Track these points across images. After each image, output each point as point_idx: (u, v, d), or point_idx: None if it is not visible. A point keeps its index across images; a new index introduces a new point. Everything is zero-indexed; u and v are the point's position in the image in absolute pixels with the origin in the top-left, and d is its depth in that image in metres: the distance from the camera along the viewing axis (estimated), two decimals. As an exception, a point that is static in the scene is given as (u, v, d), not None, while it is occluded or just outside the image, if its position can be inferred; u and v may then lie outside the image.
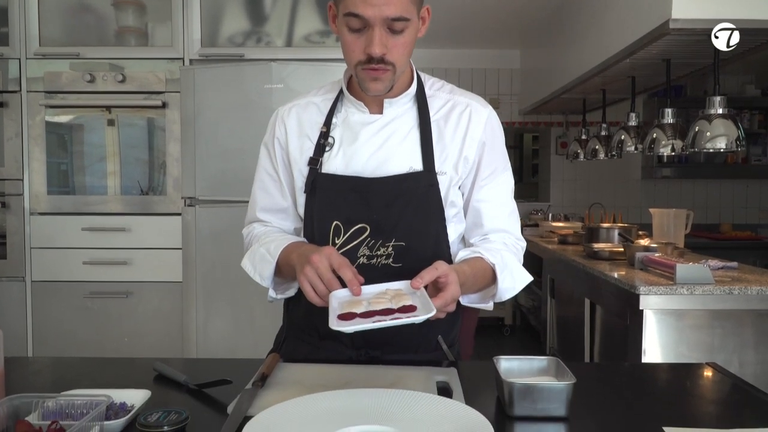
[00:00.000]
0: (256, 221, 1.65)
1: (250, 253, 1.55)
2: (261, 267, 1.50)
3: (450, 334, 1.61)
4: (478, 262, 1.46)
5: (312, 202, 1.52)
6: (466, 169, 1.53)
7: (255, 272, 1.52)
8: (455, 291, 1.26)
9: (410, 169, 1.48)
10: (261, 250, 1.51)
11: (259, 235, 1.60)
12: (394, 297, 1.25)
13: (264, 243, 1.53)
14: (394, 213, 1.46)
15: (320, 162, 1.51)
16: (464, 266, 1.40)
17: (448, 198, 1.51)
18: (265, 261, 1.49)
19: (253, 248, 1.56)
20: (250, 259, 1.54)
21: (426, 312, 1.14)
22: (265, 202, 1.62)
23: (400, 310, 1.19)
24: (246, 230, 1.66)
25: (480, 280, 1.46)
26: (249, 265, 1.53)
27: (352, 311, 1.21)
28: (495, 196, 1.56)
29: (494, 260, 1.47)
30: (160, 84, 3.67)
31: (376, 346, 1.52)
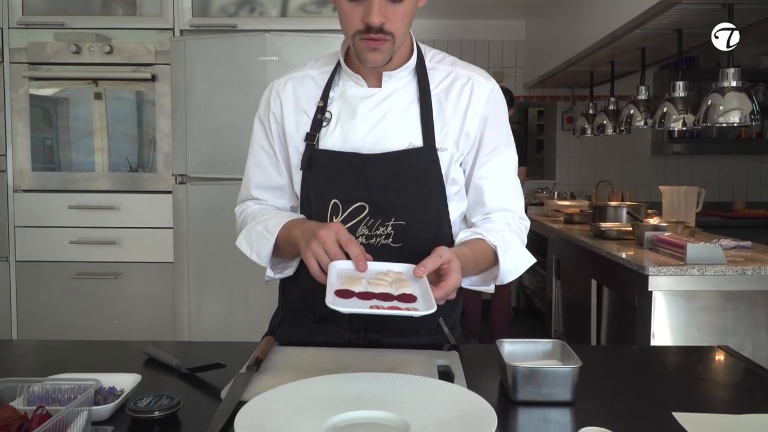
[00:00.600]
0: (250, 199, 1.64)
1: (246, 232, 1.54)
2: (259, 245, 1.50)
3: (451, 316, 1.62)
4: (479, 243, 1.46)
5: (309, 180, 1.52)
6: (468, 145, 1.52)
7: (252, 251, 1.51)
8: (456, 280, 1.27)
9: (410, 145, 1.48)
10: (258, 228, 1.51)
11: (254, 213, 1.59)
12: (395, 282, 1.25)
13: (261, 221, 1.52)
14: (393, 191, 1.46)
15: (317, 138, 1.51)
16: (465, 249, 1.40)
17: (449, 175, 1.51)
18: (263, 239, 1.49)
19: (249, 226, 1.55)
20: (246, 238, 1.53)
21: (426, 307, 1.15)
22: (260, 179, 1.62)
23: (400, 299, 1.19)
24: (239, 208, 1.66)
25: (481, 263, 1.46)
26: (245, 244, 1.53)
27: (350, 289, 1.21)
28: (497, 173, 1.56)
29: (496, 242, 1.47)
30: (150, 56, 3.65)
31: (374, 329, 1.52)
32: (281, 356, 1.36)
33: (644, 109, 4.16)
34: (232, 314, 3.46)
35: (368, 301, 1.18)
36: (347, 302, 1.17)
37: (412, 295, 1.21)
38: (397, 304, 1.17)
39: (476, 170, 1.55)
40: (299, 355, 1.36)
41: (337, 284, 1.23)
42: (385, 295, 1.20)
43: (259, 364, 1.28)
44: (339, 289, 1.21)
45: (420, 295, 1.21)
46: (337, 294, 1.19)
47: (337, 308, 1.12)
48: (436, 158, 1.48)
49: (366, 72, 1.52)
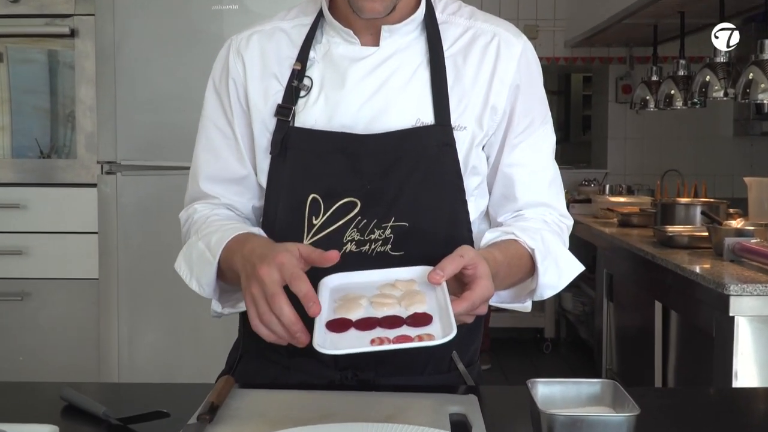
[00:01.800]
0: (199, 199, 1.64)
1: (187, 249, 1.54)
2: (199, 269, 1.49)
3: (468, 348, 1.62)
4: (511, 246, 1.47)
5: (280, 169, 1.52)
6: (494, 122, 1.53)
7: (191, 276, 1.51)
8: (486, 289, 1.27)
9: (417, 123, 1.48)
10: (199, 246, 1.50)
11: (199, 222, 1.59)
12: (406, 296, 1.27)
13: (204, 234, 1.51)
14: (393, 182, 1.47)
15: (293, 112, 1.51)
16: (495, 252, 1.41)
17: (468, 162, 1.52)
18: (203, 261, 1.48)
19: (190, 242, 1.55)
20: (185, 258, 1.53)
21: (444, 333, 1.16)
22: (212, 168, 1.62)
23: (411, 321, 1.20)
24: (184, 213, 1.66)
25: (515, 272, 1.47)
26: (184, 267, 1.53)
27: (347, 317, 1.22)
28: (532, 158, 1.57)
29: (533, 244, 1.48)
30: (67, 4, 3.65)
31: (366, 366, 1.52)
32: (243, 401, 1.36)
33: (724, 76, 4.16)
34: (177, 347, 3.46)
35: (369, 332, 1.19)
36: (343, 339, 1.18)
37: (427, 314, 1.22)
38: (407, 330, 1.18)
39: (505, 155, 1.56)
40: (267, 400, 1.37)
41: (330, 311, 1.24)
42: (392, 320, 1.21)
43: (214, 413, 1.28)
44: (332, 319, 1.22)
45: (437, 314, 1.22)
46: (329, 327, 1.20)
47: (329, 352, 1.14)
48: (452, 140, 1.49)
49: (359, 25, 1.53)
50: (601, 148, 6.80)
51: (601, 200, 5.45)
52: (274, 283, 1.24)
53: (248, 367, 1.62)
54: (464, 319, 1.27)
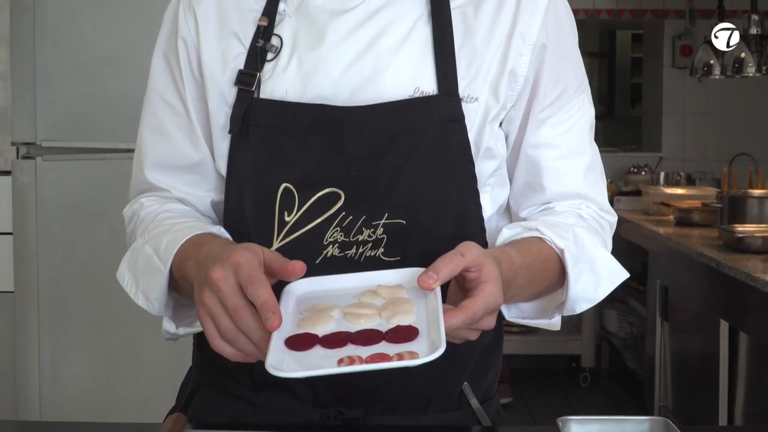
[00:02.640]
0: (146, 191, 1.65)
1: (131, 255, 1.54)
2: (147, 280, 1.49)
3: (484, 378, 1.63)
4: (534, 246, 1.47)
5: (242, 152, 1.52)
6: (514, 91, 1.54)
7: (137, 289, 1.51)
8: (491, 296, 1.26)
9: (415, 93, 1.49)
10: (146, 251, 1.51)
11: (146, 220, 1.59)
12: (389, 305, 1.26)
13: (152, 236, 1.52)
14: (386, 169, 1.47)
15: (257, 80, 1.51)
16: (511, 252, 1.41)
17: (481, 142, 1.52)
18: (151, 270, 1.48)
19: (135, 246, 1.55)
20: (129, 266, 1.54)
21: (430, 349, 1.14)
22: (160, 153, 1.62)
23: (392, 336, 1.19)
24: (129, 210, 1.66)
25: (538, 278, 1.47)
26: (128, 277, 1.53)
27: (311, 331, 1.22)
28: (563, 137, 1.58)
29: (563, 243, 1.48)
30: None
31: (354, 401, 1.53)
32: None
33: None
34: (113, 377, 3.46)
35: (338, 350, 1.18)
36: (304, 359, 1.17)
37: (411, 327, 1.21)
38: (385, 348, 1.17)
39: (530, 134, 1.57)
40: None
41: (293, 325, 1.24)
42: (367, 335, 1.20)
43: (159, 459, 1.29)
44: (294, 335, 1.21)
45: (425, 328, 1.21)
46: (289, 344, 1.19)
47: (285, 375, 1.12)
48: (460, 114, 1.49)
49: None
50: (654, 126, 6.80)
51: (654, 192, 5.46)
52: (231, 289, 1.22)
53: (204, 402, 1.62)
54: (465, 334, 1.25)
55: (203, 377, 1.65)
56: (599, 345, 6.38)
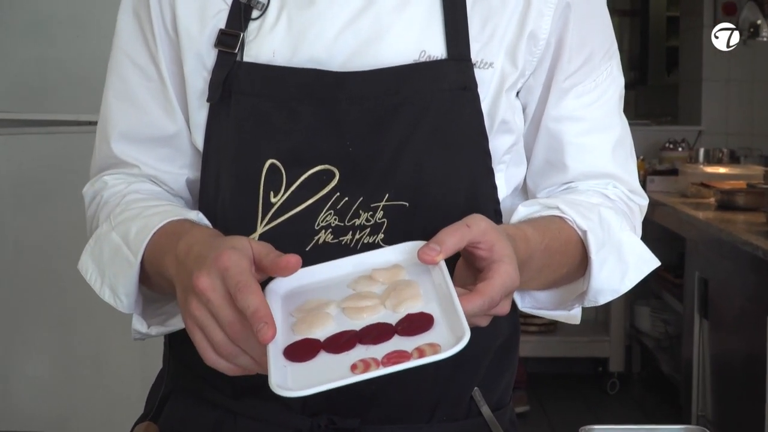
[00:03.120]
0: (111, 167, 1.65)
1: (95, 244, 1.55)
2: (114, 273, 1.49)
3: (497, 383, 1.64)
4: (553, 225, 1.48)
5: (222, 123, 1.52)
6: (534, 57, 1.55)
7: (102, 283, 1.51)
8: (508, 277, 1.25)
9: (422, 57, 1.49)
10: (113, 239, 1.51)
11: (111, 202, 1.59)
12: (391, 291, 1.25)
13: (119, 222, 1.52)
14: (387, 143, 1.47)
15: (241, 41, 1.51)
16: (527, 230, 1.42)
17: (496, 114, 1.53)
18: (119, 261, 1.48)
19: (99, 232, 1.55)
20: (93, 256, 1.54)
21: (455, 338, 1.12)
22: (129, 123, 1.62)
23: (403, 328, 1.18)
24: (90, 189, 1.66)
25: (557, 262, 1.48)
26: (92, 269, 1.53)
27: (310, 336, 1.21)
28: (589, 109, 1.59)
29: (585, 224, 1.49)
30: None
31: (347, 410, 1.53)
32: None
33: None
34: (73, 383, 3.47)
35: (347, 353, 1.17)
36: (311, 371, 1.15)
37: (425, 314, 1.19)
38: (401, 343, 1.15)
39: (551, 105, 1.58)
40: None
41: (287, 332, 1.23)
42: (377, 330, 1.19)
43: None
44: (292, 342, 1.21)
45: (438, 313, 1.20)
46: (289, 354, 1.19)
47: (296, 394, 1.10)
48: (472, 82, 1.50)
49: None
50: (693, 95, 6.80)
51: (693, 171, 5.46)
52: (222, 299, 1.20)
53: (177, 410, 1.63)
54: (477, 321, 1.25)
55: (176, 382, 1.66)
56: (629, 346, 6.40)
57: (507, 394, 1.67)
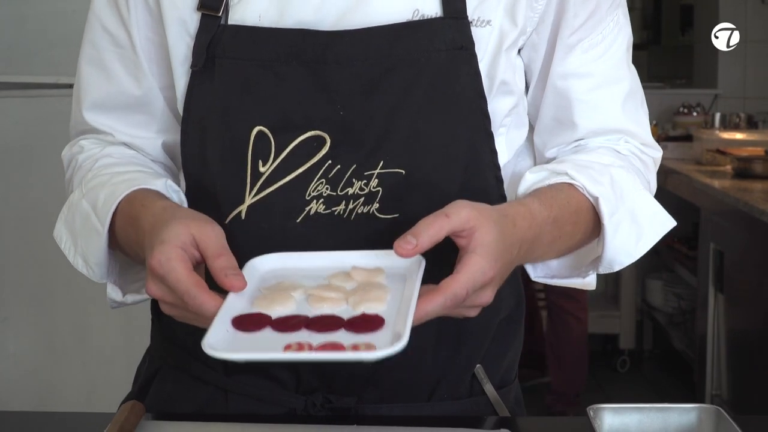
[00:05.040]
0: (86, 133, 1.67)
1: (68, 211, 1.57)
2: (85, 241, 1.52)
3: (501, 359, 1.64)
4: (561, 194, 1.48)
5: (206, 89, 1.52)
6: (535, 12, 1.55)
7: (75, 252, 1.54)
8: (478, 272, 1.26)
9: (415, 15, 1.49)
10: (83, 207, 1.53)
11: (84, 167, 1.62)
12: (360, 289, 1.28)
13: (89, 189, 1.55)
14: (381, 107, 1.47)
15: (225, 3, 1.51)
16: (533, 205, 1.42)
17: (495, 75, 1.53)
18: (89, 229, 1.51)
19: (72, 199, 1.58)
20: (67, 224, 1.56)
21: (392, 341, 1.16)
22: (100, 90, 1.64)
23: (353, 324, 1.21)
24: (68, 153, 1.69)
25: (568, 232, 1.48)
26: (65, 236, 1.56)
27: (264, 311, 1.24)
28: (597, 63, 1.59)
29: (596, 190, 1.49)
30: None
31: (345, 389, 1.54)
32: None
33: None
34: (56, 359, 3.48)
35: (288, 334, 1.21)
36: (248, 342, 1.19)
37: (377, 317, 1.23)
38: (342, 336, 1.19)
39: (557, 61, 1.58)
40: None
41: (246, 303, 1.26)
42: (326, 321, 1.22)
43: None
44: (243, 314, 1.23)
45: (395, 316, 1.23)
46: (237, 323, 1.22)
47: (220, 355, 1.14)
48: (469, 41, 1.49)
49: None
50: (709, 56, 6.80)
51: (708, 137, 5.47)
52: (170, 302, 1.30)
53: (165, 388, 1.64)
54: (460, 312, 1.27)
55: (163, 359, 1.66)
56: (640, 322, 6.43)
57: (512, 371, 1.67)
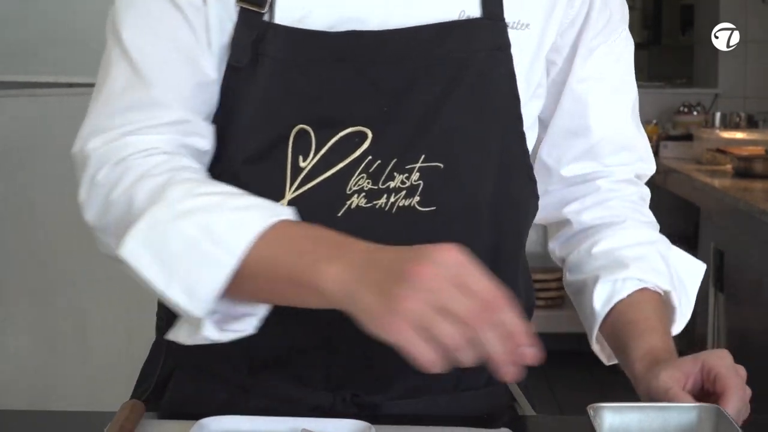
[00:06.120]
0: (142, 128, 1.45)
1: (151, 231, 1.33)
2: (187, 270, 1.31)
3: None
4: (650, 303, 1.61)
5: (248, 85, 1.49)
6: (568, 17, 1.59)
7: (170, 280, 1.31)
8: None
9: (461, 15, 1.51)
10: (187, 231, 1.31)
11: (157, 179, 1.38)
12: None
13: (189, 210, 1.33)
14: (423, 102, 1.49)
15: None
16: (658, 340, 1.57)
17: (532, 78, 1.57)
18: (202, 259, 1.31)
19: (154, 217, 1.34)
20: (152, 246, 1.32)
21: None
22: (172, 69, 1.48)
23: None
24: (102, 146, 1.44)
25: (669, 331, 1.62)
26: (148, 260, 1.32)
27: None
28: (612, 70, 1.63)
29: (665, 284, 1.62)
30: None
31: (373, 387, 1.56)
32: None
33: None
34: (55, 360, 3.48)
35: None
36: None
37: None
38: None
39: (579, 65, 1.62)
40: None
41: None
42: None
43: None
44: None
45: None
46: None
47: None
48: (506, 42, 1.52)
49: None
50: (709, 56, 6.78)
51: (708, 136, 5.46)
52: (448, 284, 1.15)
53: (183, 388, 1.64)
54: None
55: (179, 358, 1.64)
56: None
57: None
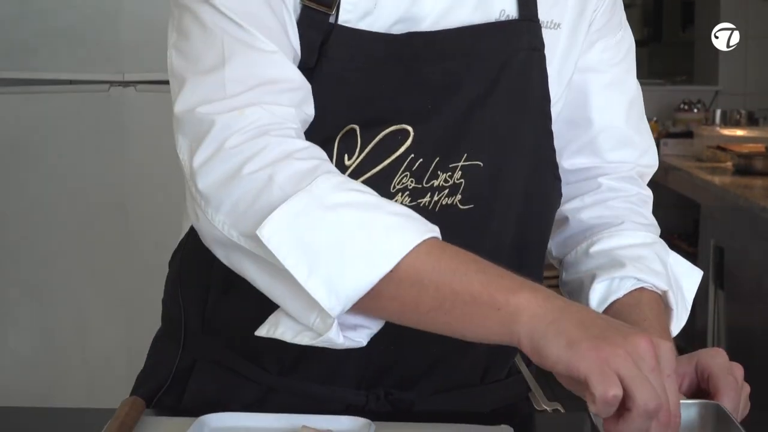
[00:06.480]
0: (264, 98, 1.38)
1: (295, 216, 1.27)
2: (336, 266, 1.26)
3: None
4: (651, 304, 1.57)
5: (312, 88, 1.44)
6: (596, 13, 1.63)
7: (311, 272, 1.26)
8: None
9: (501, 16, 1.53)
10: (339, 224, 1.27)
11: (301, 167, 1.32)
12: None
13: (343, 204, 1.28)
14: (465, 100, 1.50)
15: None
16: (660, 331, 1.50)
17: (563, 77, 1.60)
18: (353, 257, 1.26)
19: (303, 203, 1.28)
20: (296, 235, 1.26)
21: None
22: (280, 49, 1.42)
23: None
24: (241, 120, 1.33)
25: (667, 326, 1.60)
26: (290, 247, 1.26)
27: None
28: (611, 63, 1.66)
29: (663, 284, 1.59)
30: None
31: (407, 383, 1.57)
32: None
33: None
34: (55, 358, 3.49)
35: None
36: None
37: None
38: None
39: (579, 56, 1.64)
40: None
41: None
42: None
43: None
44: None
45: None
46: None
47: None
48: (541, 43, 1.55)
49: None
50: (709, 52, 6.76)
51: (709, 134, 5.46)
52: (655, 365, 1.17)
53: (205, 386, 1.63)
54: None
55: (199, 353, 1.64)
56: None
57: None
